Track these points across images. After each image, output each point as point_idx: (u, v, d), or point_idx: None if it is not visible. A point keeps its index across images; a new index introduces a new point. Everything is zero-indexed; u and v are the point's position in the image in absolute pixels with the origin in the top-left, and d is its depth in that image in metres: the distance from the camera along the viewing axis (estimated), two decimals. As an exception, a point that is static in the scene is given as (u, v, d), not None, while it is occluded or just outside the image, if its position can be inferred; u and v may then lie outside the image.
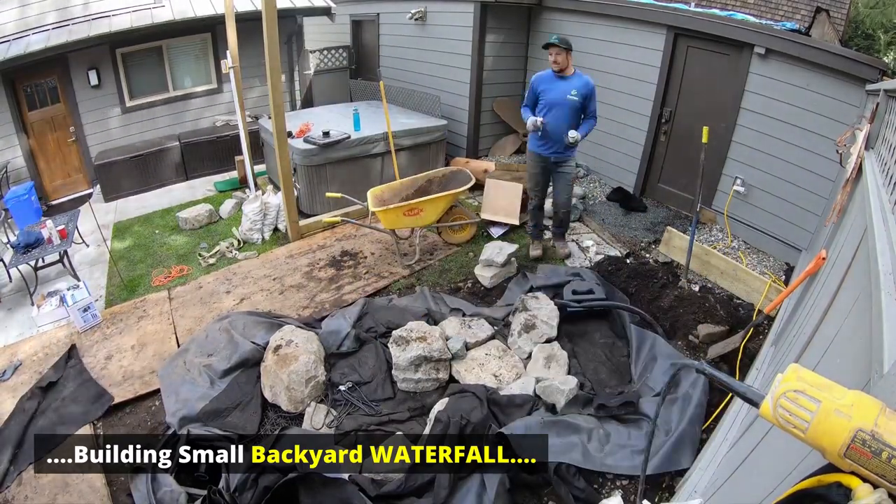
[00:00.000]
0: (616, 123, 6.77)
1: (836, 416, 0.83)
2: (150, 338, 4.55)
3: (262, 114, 8.33)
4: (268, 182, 7.46)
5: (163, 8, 8.05)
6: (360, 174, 6.73)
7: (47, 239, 5.53)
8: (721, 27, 5.43)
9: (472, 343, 4.28)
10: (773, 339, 3.89)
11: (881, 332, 1.10)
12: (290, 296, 5.08)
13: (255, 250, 6.05)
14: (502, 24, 7.45)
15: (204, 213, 6.77)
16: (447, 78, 8.03)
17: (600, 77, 6.80)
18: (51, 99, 7.83)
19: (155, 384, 4.00)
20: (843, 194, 3.07)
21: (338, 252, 5.82)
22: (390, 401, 3.91)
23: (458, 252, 5.74)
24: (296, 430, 3.57)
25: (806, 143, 4.92)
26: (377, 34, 9.31)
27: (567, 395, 3.60)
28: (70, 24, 7.37)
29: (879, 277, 1.30)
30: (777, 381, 0.93)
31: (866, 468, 0.79)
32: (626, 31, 6.39)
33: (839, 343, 1.75)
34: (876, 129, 3.03)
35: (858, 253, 1.97)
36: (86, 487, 3.26)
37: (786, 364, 1.07)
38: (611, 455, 3.25)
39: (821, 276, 3.05)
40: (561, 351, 4.12)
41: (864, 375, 1.16)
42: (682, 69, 6.00)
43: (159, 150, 8.03)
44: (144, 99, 8.46)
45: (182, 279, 5.49)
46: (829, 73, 4.68)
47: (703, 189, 4.79)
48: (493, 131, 8.17)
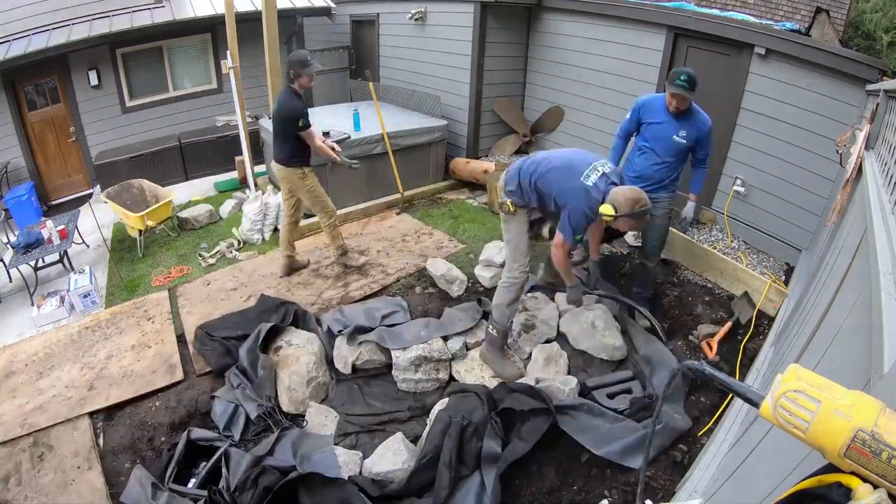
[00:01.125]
0: (616, 123, 6.72)
1: (836, 416, 0.83)
2: (151, 338, 4.55)
3: (263, 114, 8.32)
4: (268, 182, 7.46)
5: (163, 8, 8.06)
6: (360, 174, 6.72)
7: (47, 239, 5.54)
8: (721, 27, 5.43)
9: (472, 343, 4.29)
10: (773, 339, 3.90)
11: (881, 332, 1.10)
12: (297, 292, 5.11)
13: (255, 250, 6.06)
14: (502, 24, 7.45)
15: (204, 213, 6.77)
16: (447, 78, 8.03)
17: (599, 78, 6.83)
18: (51, 99, 7.84)
19: (155, 384, 4.00)
20: (843, 194, 3.07)
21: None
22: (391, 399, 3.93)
23: (458, 252, 5.74)
24: (296, 430, 3.57)
25: (806, 143, 4.91)
26: (377, 34, 9.31)
27: (568, 395, 3.60)
28: (70, 24, 7.38)
29: (879, 277, 1.30)
30: (777, 381, 0.93)
31: (866, 468, 0.79)
32: (626, 32, 6.39)
33: (839, 343, 1.75)
34: (876, 129, 3.03)
35: (858, 253, 1.97)
36: (85, 487, 3.26)
37: (786, 364, 1.07)
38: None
39: (821, 275, 3.05)
40: (560, 351, 4.12)
41: (865, 375, 1.16)
42: (682, 69, 5.99)
43: (159, 151, 8.04)
44: (144, 99, 8.47)
45: (182, 279, 5.49)
46: (829, 74, 4.68)
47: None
48: (493, 131, 8.16)
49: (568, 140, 7.59)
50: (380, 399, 3.95)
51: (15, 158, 7.53)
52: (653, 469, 3.23)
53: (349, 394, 3.99)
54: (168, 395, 3.97)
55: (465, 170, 7.45)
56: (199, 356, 4.25)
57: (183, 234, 6.56)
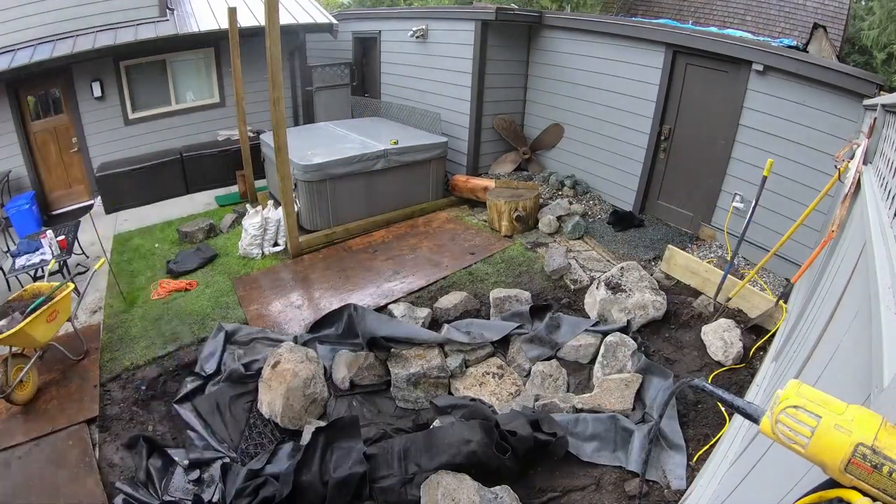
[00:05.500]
0: (616, 141, 6.81)
1: (836, 431, 0.82)
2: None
3: (265, 129, 8.38)
4: (269, 197, 7.48)
5: (167, 22, 8.15)
6: (360, 190, 6.75)
7: (47, 249, 5.53)
8: (719, 44, 5.48)
9: (471, 360, 4.26)
10: (773, 354, 3.87)
11: (881, 347, 1.09)
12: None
13: (257, 267, 6.04)
14: (503, 41, 7.53)
15: (204, 226, 6.78)
16: (448, 95, 8.09)
17: (600, 95, 6.88)
18: (54, 109, 7.90)
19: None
20: (842, 209, 3.07)
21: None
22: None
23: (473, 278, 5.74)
24: (291, 444, 3.54)
25: (804, 158, 4.94)
26: (379, 51, 9.41)
27: (565, 413, 3.58)
28: (75, 35, 7.45)
29: (879, 291, 1.29)
30: (776, 397, 0.92)
31: (867, 483, 0.78)
32: (626, 49, 6.45)
33: (839, 358, 1.74)
34: (874, 143, 3.04)
35: (858, 267, 1.97)
36: (79, 489, 3.23)
37: (786, 380, 1.06)
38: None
39: (820, 290, 3.04)
40: (560, 369, 4.10)
41: (865, 390, 1.15)
42: (681, 86, 6.04)
43: (161, 163, 8.07)
44: (147, 112, 8.53)
45: (180, 293, 5.48)
46: (826, 89, 4.71)
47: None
48: (493, 148, 8.21)
49: (567, 157, 7.63)
50: (379, 416, 3.92)
51: (17, 167, 7.56)
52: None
53: (348, 410, 3.94)
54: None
55: (466, 187, 7.47)
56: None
57: (183, 246, 6.55)
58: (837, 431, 0.82)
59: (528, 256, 5.93)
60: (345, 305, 4.68)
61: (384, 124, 8.39)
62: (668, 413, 3.57)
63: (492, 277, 5.56)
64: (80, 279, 5.65)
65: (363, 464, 3.05)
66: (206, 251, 6.23)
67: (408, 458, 3.13)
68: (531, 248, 6.10)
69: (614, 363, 4.02)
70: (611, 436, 3.47)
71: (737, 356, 4.08)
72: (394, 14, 9.44)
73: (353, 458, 3.11)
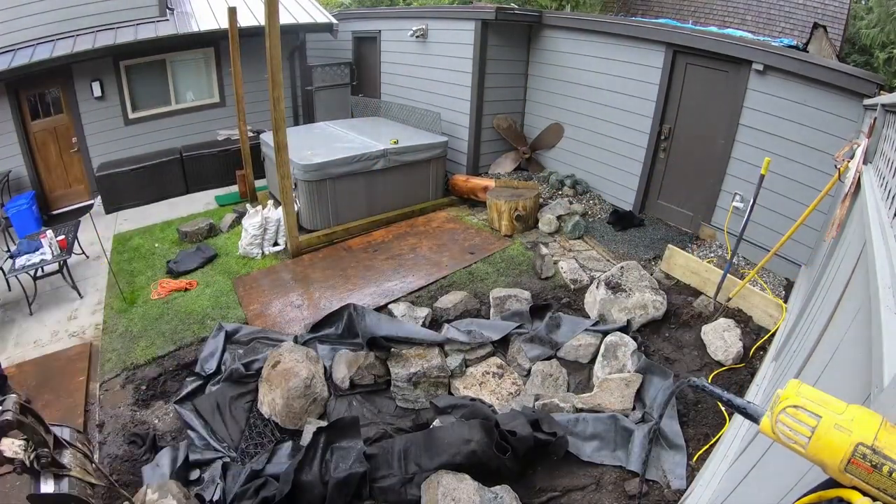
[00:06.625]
0: (616, 141, 6.81)
1: (836, 430, 0.82)
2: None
3: (264, 128, 8.37)
4: (269, 196, 7.48)
5: (167, 22, 8.15)
6: (360, 190, 6.75)
7: (47, 249, 5.52)
8: (719, 44, 5.48)
9: (471, 360, 4.26)
10: (773, 354, 3.87)
11: (881, 346, 1.09)
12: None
13: (257, 267, 6.04)
14: (503, 41, 7.53)
15: (204, 226, 6.78)
16: (448, 95, 8.09)
17: (600, 95, 6.87)
18: (54, 109, 7.89)
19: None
20: (842, 209, 3.07)
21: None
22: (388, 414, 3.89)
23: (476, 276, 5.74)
24: (291, 443, 3.54)
25: (804, 158, 4.94)
26: (378, 51, 9.40)
27: (565, 413, 3.58)
28: (75, 35, 7.45)
29: (879, 291, 1.29)
30: (777, 396, 0.92)
31: (867, 482, 0.78)
32: (626, 49, 6.45)
33: (839, 357, 1.74)
34: (874, 143, 3.04)
35: (858, 267, 1.97)
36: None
37: (786, 380, 1.06)
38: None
39: (820, 290, 3.04)
40: (560, 369, 4.10)
41: (865, 389, 1.15)
42: (681, 86, 6.04)
43: (161, 163, 8.07)
44: (147, 111, 8.53)
45: (180, 293, 5.48)
46: (826, 89, 4.71)
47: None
48: (493, 148, 8.20)
49: (567, 157, 7.63)
50: (379, 415, 3.91)
51: (17, 167, 7.56)
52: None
53: (348, 410, 3.94)
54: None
55: (465, 186, 7.47)
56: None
57: (182, 246, 6.55)
58: (837, 431, 0.82)
59: (528, 256, 5.93)
60: (345, 305, 4.68)
61: (384, 124, 8.38)
62: (668, 413, 3.58)
63: (492, 277, 5.56)
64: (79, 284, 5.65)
65: (363, 463, 3.05)
66: (206, 251, 6.23)
67: (408, 458, 3.13)
68: (531, 248, 6.10)
69: (614, 363, 4.02)
70: (611, 435, 3.47)
71: (737, 356, 4.08)
72: (394, 14, 9.44)
73: (354, 458, 3.11)
